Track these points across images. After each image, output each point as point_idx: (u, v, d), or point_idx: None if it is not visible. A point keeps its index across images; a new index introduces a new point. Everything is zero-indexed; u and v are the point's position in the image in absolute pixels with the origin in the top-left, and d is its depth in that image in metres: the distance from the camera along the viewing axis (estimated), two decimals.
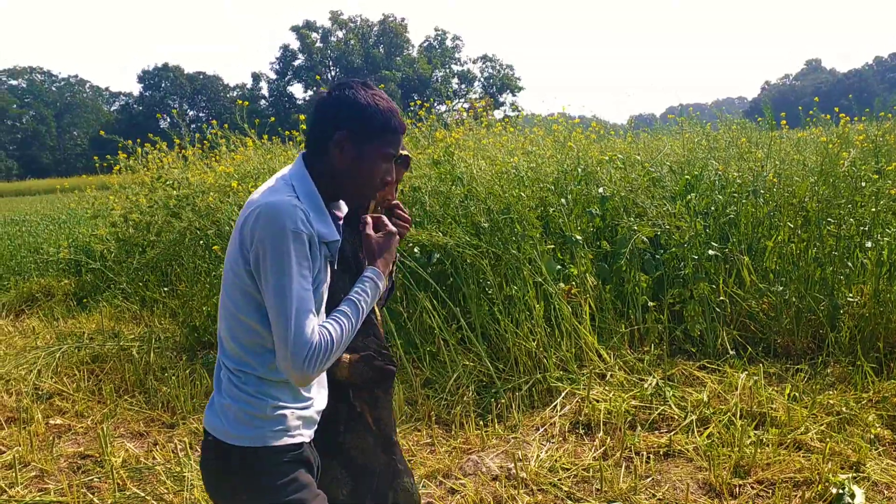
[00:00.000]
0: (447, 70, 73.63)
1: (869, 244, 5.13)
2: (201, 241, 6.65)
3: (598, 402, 4.29)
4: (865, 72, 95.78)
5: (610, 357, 4.82)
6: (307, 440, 1.85)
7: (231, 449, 1.75)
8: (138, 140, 8.93)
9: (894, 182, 5.81)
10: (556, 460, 3.74)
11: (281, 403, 1.77)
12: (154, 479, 3.85)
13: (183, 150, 8.59)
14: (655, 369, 4.70)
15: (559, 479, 3.55)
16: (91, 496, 3.72)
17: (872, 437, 3.76)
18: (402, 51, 73.31)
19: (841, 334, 4.85)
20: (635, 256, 5.29)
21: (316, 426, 1.90)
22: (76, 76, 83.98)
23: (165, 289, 7.27)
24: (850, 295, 5.04)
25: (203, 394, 4.95)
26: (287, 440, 1.78)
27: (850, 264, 5.19)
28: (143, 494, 3.67)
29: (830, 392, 4.29)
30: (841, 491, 3.17)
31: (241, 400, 1.75)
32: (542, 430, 4.12)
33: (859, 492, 3.18)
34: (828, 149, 5.98)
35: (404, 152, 2.20)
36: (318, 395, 1.91)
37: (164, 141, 8.79)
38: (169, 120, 56.02)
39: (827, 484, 3.26)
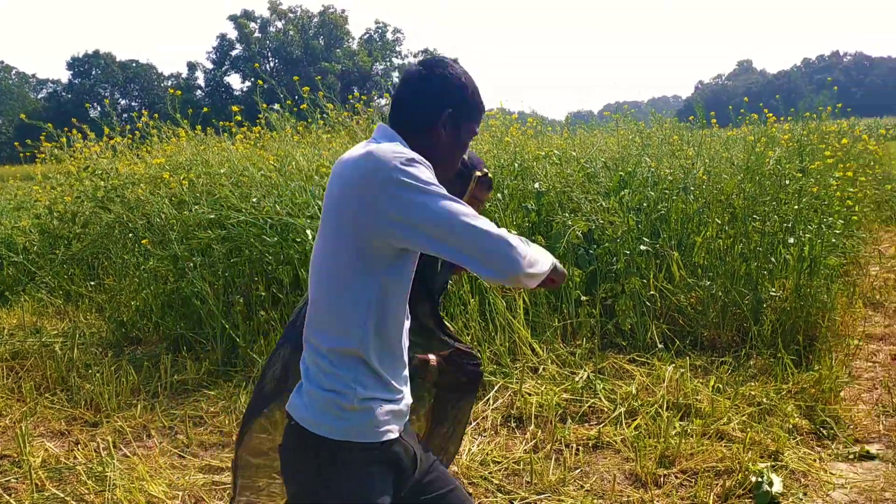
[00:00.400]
0: (388, 63, 73.16)
1: (791, 240, 5.31)
2: (130, 234, 6.46)
3: (530, 395, 4.33)
4: (794, 73, 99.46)
5: (543, 351, 4.87)
6: (395, 436, 1.74)
7: (311, 437, 1.67)
8: (65, 129, 8.62)
9: (817, 180, 6.06)
10: (487, 454, 3.76)
11: (369, 394, 1.67)
12: (75, 479, 3.71)
13: (112, 140, 8.32)
14: (587, 363, 4.77)
15: (490, 473, 3.57)
16: (7, 497, 3.57)
17: (791, 426, 3.90)
18: (342, 43, 72.49)
19: (763, 327, 5.01)
20: (569, 251, 5.36)
21: (406, 420, 1.81)
22: (1, 62, 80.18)
23: (92, 283, 7.03)
24: (773, 289, 5.21)
25: (129, 391, 4.81)
26: (372, 437, 1.68)
27: (773, 260, 5.36)
28: (62, 495, 3.54)
29: (752, 383, 4.43)
30: (760, 479, 3.28)
31: (329, 388, 1.65)
32: (474, 423, 4.14)
33: (777, 480, 3.29)
34: (755, 147, 6.18)
35: (488, 173, 2.22)
36: (408, 388, 1.82)
37: (92, 131, 8.50)
38: (99, 109, 54.27)
39: (747, 472, 3.36)
